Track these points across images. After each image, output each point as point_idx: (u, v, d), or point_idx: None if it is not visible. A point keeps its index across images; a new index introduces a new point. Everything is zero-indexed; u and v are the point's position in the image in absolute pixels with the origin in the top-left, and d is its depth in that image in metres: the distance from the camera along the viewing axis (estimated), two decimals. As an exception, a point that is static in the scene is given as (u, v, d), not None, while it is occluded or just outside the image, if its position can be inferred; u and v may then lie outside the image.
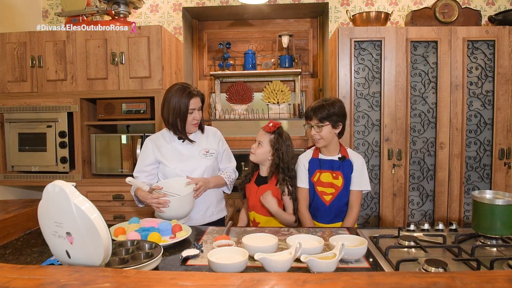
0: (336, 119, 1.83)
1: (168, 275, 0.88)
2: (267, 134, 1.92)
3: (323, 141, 1.87)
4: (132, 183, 1.78)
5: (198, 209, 1.98)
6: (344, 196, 1.87)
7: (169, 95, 1.92)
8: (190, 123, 1.94)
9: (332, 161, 1.89)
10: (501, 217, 1.44)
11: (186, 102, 1.88)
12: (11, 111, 2.78)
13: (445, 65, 2.62)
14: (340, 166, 1.87)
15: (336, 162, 1.89)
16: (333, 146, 1.90)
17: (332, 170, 1.88)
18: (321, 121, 1.83)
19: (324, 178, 1.89)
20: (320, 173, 1.90)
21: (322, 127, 1.83)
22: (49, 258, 1.36)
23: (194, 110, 1.93)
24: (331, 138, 1.86)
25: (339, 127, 1.86)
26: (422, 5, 3.04)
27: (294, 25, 3.50)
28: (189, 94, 1.90)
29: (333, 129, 1.85)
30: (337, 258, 1.20)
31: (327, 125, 1.83)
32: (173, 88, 1.93)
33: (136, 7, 3.04)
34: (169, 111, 1.91)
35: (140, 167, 2.00)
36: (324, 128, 1.83)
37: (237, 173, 2.17)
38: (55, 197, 1.01)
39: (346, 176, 1.86)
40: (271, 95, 3.44)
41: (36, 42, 2.73)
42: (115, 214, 2.73)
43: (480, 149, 2.68)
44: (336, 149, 1.91)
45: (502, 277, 0.80)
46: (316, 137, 1.86)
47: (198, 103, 1.94)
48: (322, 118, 1.82)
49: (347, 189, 1.88)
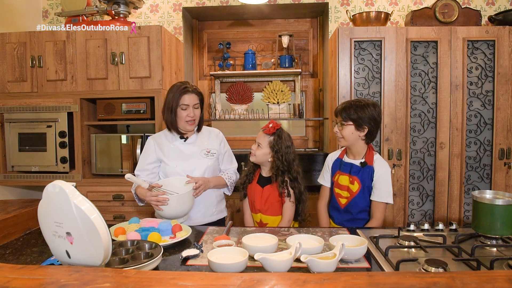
0: (362, 122, 1.77)
1: (168, 275, 0.88)
2: (267, 135, 1.91)
3: (344, 141, 1.83)
4: (132, 179, 1.78)
5: (198, 209, 1.98)
6: (359, 203, 1.81)
7: (167, 93, 1.96)
8: (183, 119, 1.93)
9: (352, 165, 1.85)
10: (501, 217, 1.44)
11: (177, 97, 1.90)
12: (11, 111, 2.78)
13: (445, 65, 2.62)
14: (359, 172, 1.81)
15: (356, 166, 1.83)
16: (357, 149, 1.84)
17: (349, 174, 1.84)
18: (344, 120, 1.80)
19: (342, 181, 1.86)
20: (339, 174, 1.88)
21: (344, 126, 1.81)
22: (49, 258, 1.36)
23: (188, 107, 1.92)
24: (353, 140, 1.81)
25: (364, 130, 1.79)
26: (422, 5, 3.04)
27: (294, 25, 3.50)
28: (183, 89, 1.91)
29: (357, 131, 1.79)
30: (337, 258, 1.20)
31: (350, 125, 1.79)
32: (173, 86, 1.97)
33: (136, 7, 3.04)
34: (164, 107, 1.96)
35: (142, 166, 2.01)
36: (346, 128, 1.80)
37: (238, 174, 2.17)
38: (55, 197, 1.01)
39: (363, 182, 1.80)
40: (271, 95, 3.44)
41: (36, 42, 2.73)
42: (115, 214, 2.73)
43: (480, 149, 2.68)
44: (361, 153, 1.84)
45: (502, 277, 0.80)
46: (338, 135, 1.85)
47: (193, 100, 1.93)
48: (346, 118, 1.79)
49: (364, 196, 1.81)
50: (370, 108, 1.78)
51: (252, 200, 1.98)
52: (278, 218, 1.91)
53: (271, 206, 1.91)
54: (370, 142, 1.85)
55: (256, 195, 1.95)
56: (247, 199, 2.03)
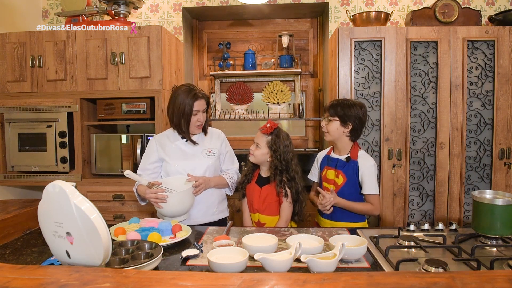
0: (347, 118, 1.87)
1: (168, 275, 0.88)
2: (265, 135, 1.92)
3: (329, 135, 1.94)
4: (131, 176, 1.78)
5: (199, 208, 1.98)
6: (344, 196, 1.88)
7: (175, 96, 1.94)
8: (193, 124, 1.96)
9: (338, 160, 1.95)
10: (501, 217, 1.44)
11: (191, 104, 1.91)
12: (11, 111, 2.78)
13: (445, 65, 2.62)
14: (344, 166, 1.91)
15: (341, 161, 1.93)
16: (342, 145, 1.94)
17: (335, 168, 1.94)
18: (331, 116, 1.91)
19: (329, 175, 1.96)
20: (327, 169, 1.98)
21: (330, 121, 1.91)
22: (49, 258, 1.36)
23: (198, 112, 1.94)
24: (337, 135, 1.92)
25: (348, 127, 1.89)
26: (422, 5, 3.04)
27: (294, 25, 3.50)
28: (194, 96, 1.92)
29: (342, 127, 1.90)
30: (337, 258, 1.20)
31: (335, 121, 1.90)
32: (179, 89, 1.96)
33: (136, 7, 3.04)
34: (173, 111, 1.94)
35: (144, 165, 2.02)
36: (332, 123, 1.90)
37: (239, 175, 2.17)
38: (55, 197, 1.01)
39: (348, 176, 1.89)
40: (271, 95, 3.44)
41: (36, 42, 2.73)
42: (115, 214, 2.73)
43: (480, 149, 2.68)
44: (346, 149, 1.94)
45: (502, 277, 0.80)
46: (324, 129, 1.95)
47: (202, 105, 1.96)
48: (333, 114, 1.90)
49: (349, 189, 1.89)
50: (356, 108, 1.89)
51: (250, 199, 1.99)
52: (276, 218, 1.92)
53: (269, 206, 1.91)
54: (355, 140, 1.95)
55: (254, 195, 1.96)
56: (246, 199, 2.03)
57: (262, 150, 1.91)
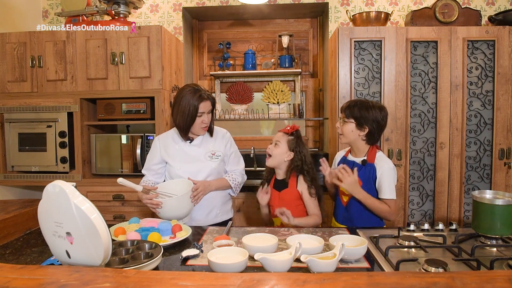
0: (364, 121, 1.78)
1: (168, 275, 0.88)
2: (285, 134, 1.90)
3: (343, 137, 1.86)
4: (123, 183, 1.74)
5: (201, 210, 1.96)
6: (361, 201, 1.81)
7: (180, 97, 1.91)
8: (198, 126, 1.93)
9: (354, 163, 1.86)
10: (501, 217, 1.44)
11: (196, 105, 1.88)
12: (11, 111, 2.78)
13: (445, 65, 2.62)
14: (360, 169, 1.82)
15: (358, 164, 1.85)
16: (358, 147, 1.86)
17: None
18: (347, 117, 1.82)
19: None
20: None
21: (345, 122, 1.83)
22: (49, 258, 1.36)
23: (203, 114, 1.91)
24: (353, 138, 1.83)
25: (364, 130, 1.79)
26: (422, 5, 3.04)
27: (294, 25, 3.50)
28: (199, 97, 1.88)
29: (357, 130, 1.80)
30: (337, 258, 1.20)
31: (350, 123, 1.81)
32: (185, 89, 1.93)
33: (136, 7, 3.04)
34: (178, 112, 1.91)
35: (148, 166, 2.02)
36: (347, 125, 1.82)
37: (245, 176, 2.13)
38: (55, 197, 1.01)
39: (364, 180, 1.80)
40: (271, 95, 3.44)
41: (36, 42, 2.73)
42: (115, 214, 2.73)
43: (480, 149, 2.68)
44: (363, 152, 1.85)
45: (502, 277, 0.80)
46: (338, 131, 1.88)
47: (208, 107, 1.93)
48: (349, 115, 1.81)
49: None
50: (374, 110, 1.78)
51: (270, 204, 1.95)
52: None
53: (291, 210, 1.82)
54: (372, 144, 1.85)
55: (274, 201, 1.91)
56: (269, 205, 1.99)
57: (281, 148, 1.88)
